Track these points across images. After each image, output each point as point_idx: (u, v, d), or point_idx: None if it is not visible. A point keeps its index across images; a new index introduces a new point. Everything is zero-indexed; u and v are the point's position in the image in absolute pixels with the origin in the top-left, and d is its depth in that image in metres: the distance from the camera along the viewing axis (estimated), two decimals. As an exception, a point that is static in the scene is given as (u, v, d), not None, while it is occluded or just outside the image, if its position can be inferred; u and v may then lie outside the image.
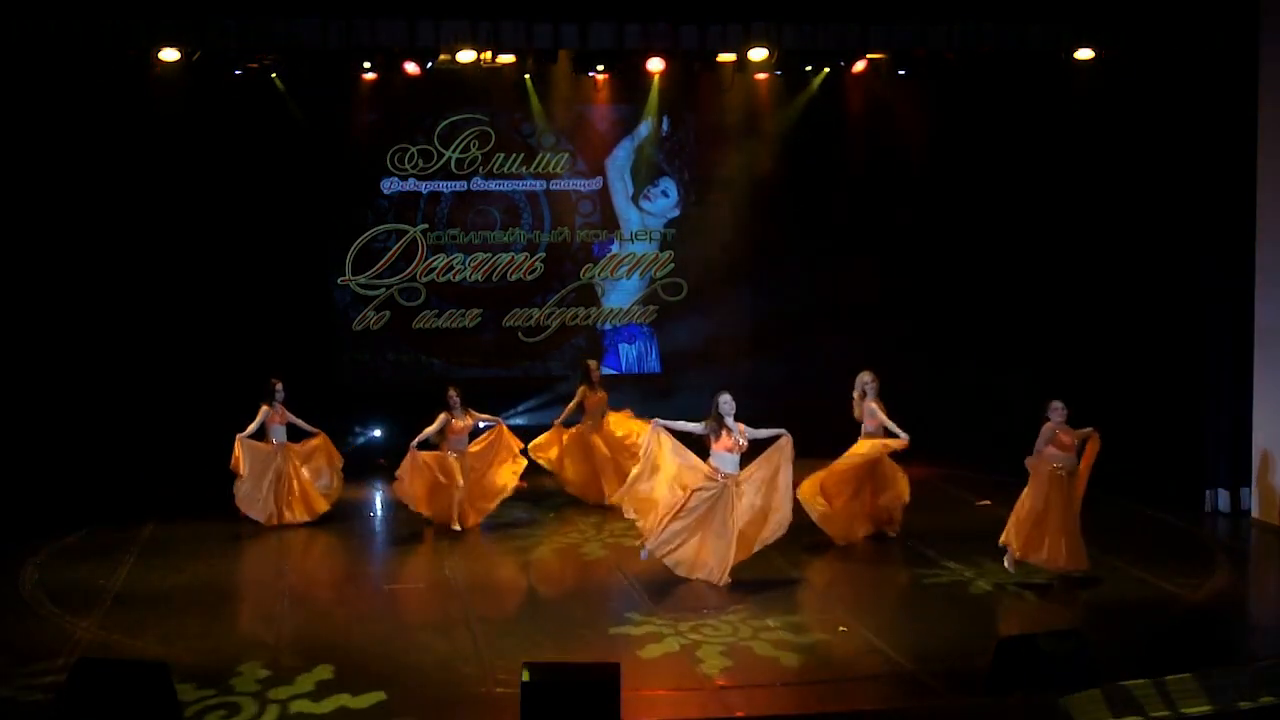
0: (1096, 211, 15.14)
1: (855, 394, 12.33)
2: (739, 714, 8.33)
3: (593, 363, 14.20)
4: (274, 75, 14.92)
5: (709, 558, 10.91)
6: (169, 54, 13.01)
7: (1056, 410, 10.80)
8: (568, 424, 13.79)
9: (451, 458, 12.66)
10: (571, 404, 13.81)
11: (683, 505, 10.84)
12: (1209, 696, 7.39)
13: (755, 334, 17.06)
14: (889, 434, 12.08)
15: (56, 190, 14.76)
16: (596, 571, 11.60)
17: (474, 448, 12.88)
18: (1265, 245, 12.80)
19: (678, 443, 11.11)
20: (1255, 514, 12.97)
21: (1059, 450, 10.79)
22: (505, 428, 13.21)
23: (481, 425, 13.13)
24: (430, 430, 12.65)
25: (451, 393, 12.79)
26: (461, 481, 12.60)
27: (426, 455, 12.63)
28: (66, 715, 7.32)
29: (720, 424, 10.96)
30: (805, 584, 11.19)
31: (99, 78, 13.93)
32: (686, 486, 10.90)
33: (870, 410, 12.19)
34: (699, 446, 11.20)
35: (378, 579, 11.32)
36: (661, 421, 11.19)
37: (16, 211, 14.49)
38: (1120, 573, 11.22)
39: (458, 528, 12.57)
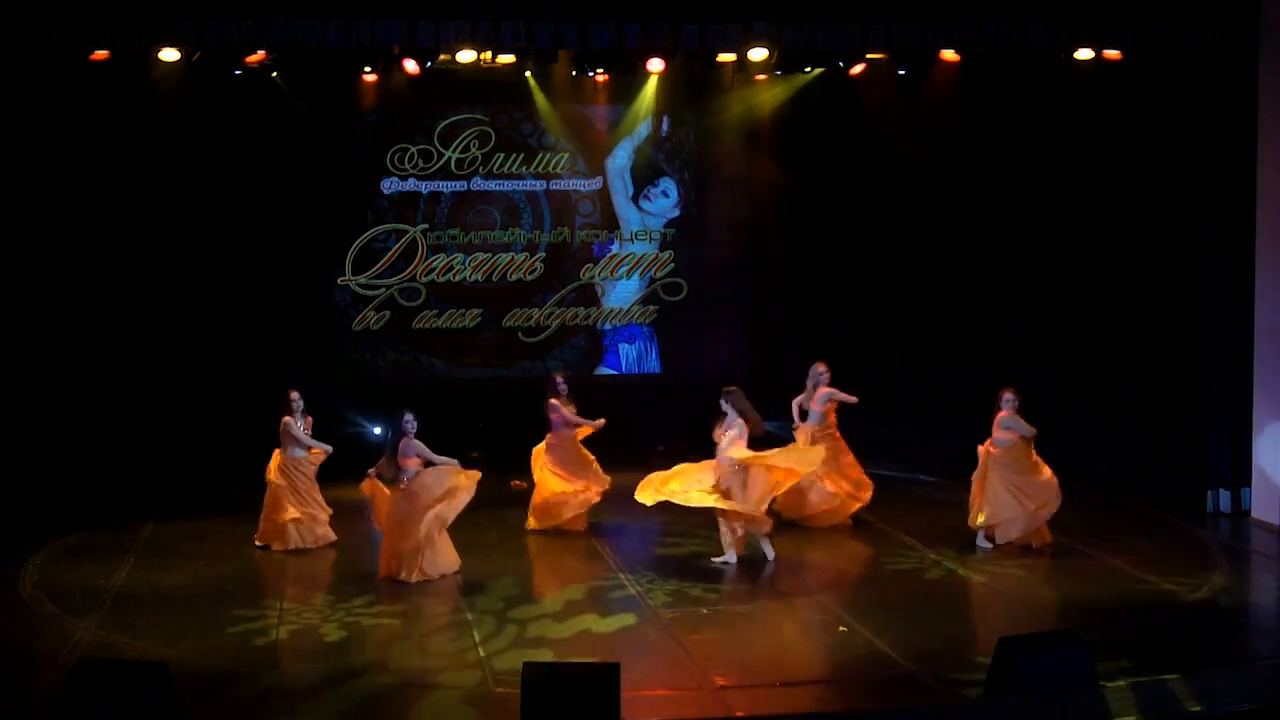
0: (1096, 212, 15.16)
1: (809, 384, 12.94)
2: (739, 714, 8.33)
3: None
4: (274, 74, 14.94)
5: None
6: (169, 54, 13.01)
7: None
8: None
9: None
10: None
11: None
12: (1209, 697, 7.39)
13: (755, 334, 17.06)
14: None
15: (56, 190, 14.78)
16: (597, 571, 11.60)
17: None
18: (1265, 245, 12.80)
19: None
20: (1255, 514, 12.97)
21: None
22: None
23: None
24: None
25: (293, 395, 12.23)
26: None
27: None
28: (66, 715, 7.31)
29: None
30: (804, 584, 11.19)
31: (99, 78, 13.94)
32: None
33: (822, 396, 12.84)
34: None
35: (377, 579, 11.30)
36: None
37: (17, 211, 14.50)
38: (1120, 573, 11.22)
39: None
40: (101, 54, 12.95)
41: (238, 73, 14.58)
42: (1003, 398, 11.91)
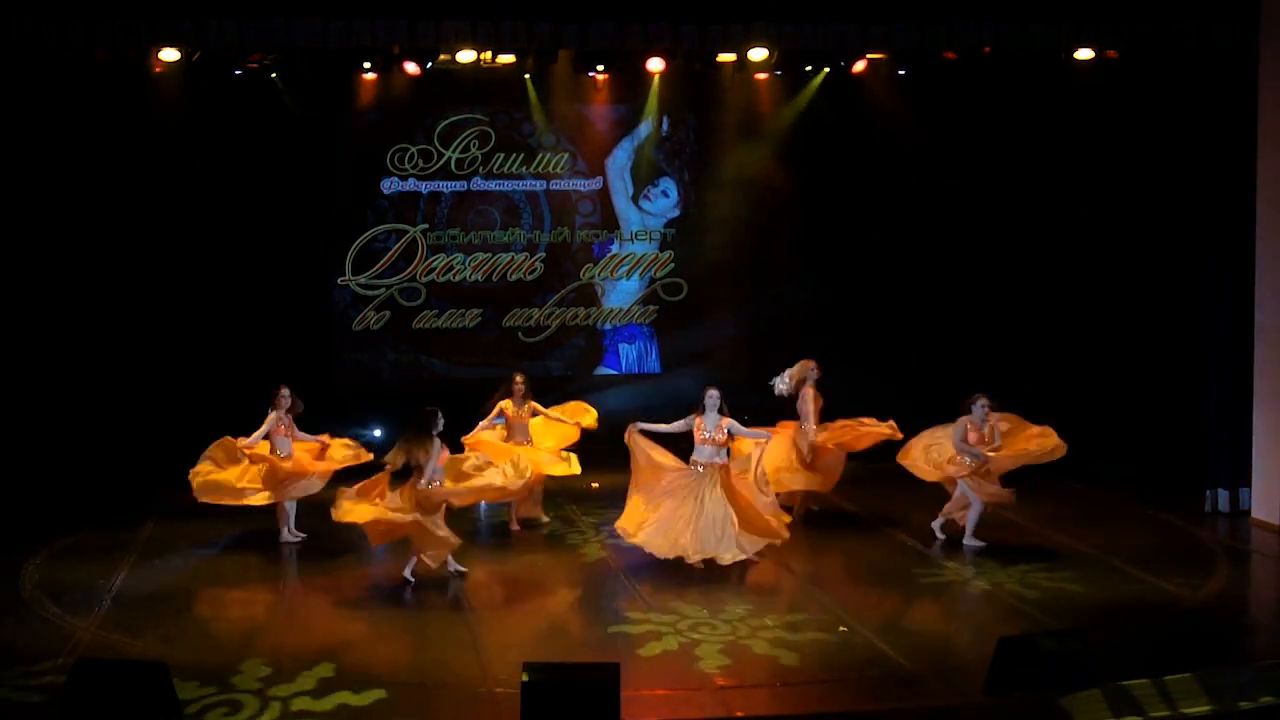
0: (1097, 212, 15.17)
1: (807, 387, 12.95)
2: (739, 714, 8.33)
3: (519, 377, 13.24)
4: (273, 74, 14.95)
5: (685, 539, 11.14)
6: (169, 54, 13.02)
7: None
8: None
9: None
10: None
11: (658, 490, 11.26)
12: (1209, 696, 7.39)
13: (755, 334, 17.04)
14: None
15: (56, 190, 14.77)
16: (596, 571, 11.61)
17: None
18: (1265, 245, 12.80)
19: (652, 445, 11.53)
20: (1255, 514, 12.97)
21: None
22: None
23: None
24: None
25: (283, 391, 12.33)
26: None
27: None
28: (66, 715, 7.32)
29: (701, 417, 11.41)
30: (804, 583, 11.20)
31: (99, 77, 13.94)
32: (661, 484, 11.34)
33: (806, 397, 12.92)
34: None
35: (377, 579, 11.31)
36: (640, 425, 11.50)
37: (16, 212, 14.49)
38: (1120, 573, 11.23)
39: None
40: (102, 54, 12.96)
41: (237, 73, 14.59)
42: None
